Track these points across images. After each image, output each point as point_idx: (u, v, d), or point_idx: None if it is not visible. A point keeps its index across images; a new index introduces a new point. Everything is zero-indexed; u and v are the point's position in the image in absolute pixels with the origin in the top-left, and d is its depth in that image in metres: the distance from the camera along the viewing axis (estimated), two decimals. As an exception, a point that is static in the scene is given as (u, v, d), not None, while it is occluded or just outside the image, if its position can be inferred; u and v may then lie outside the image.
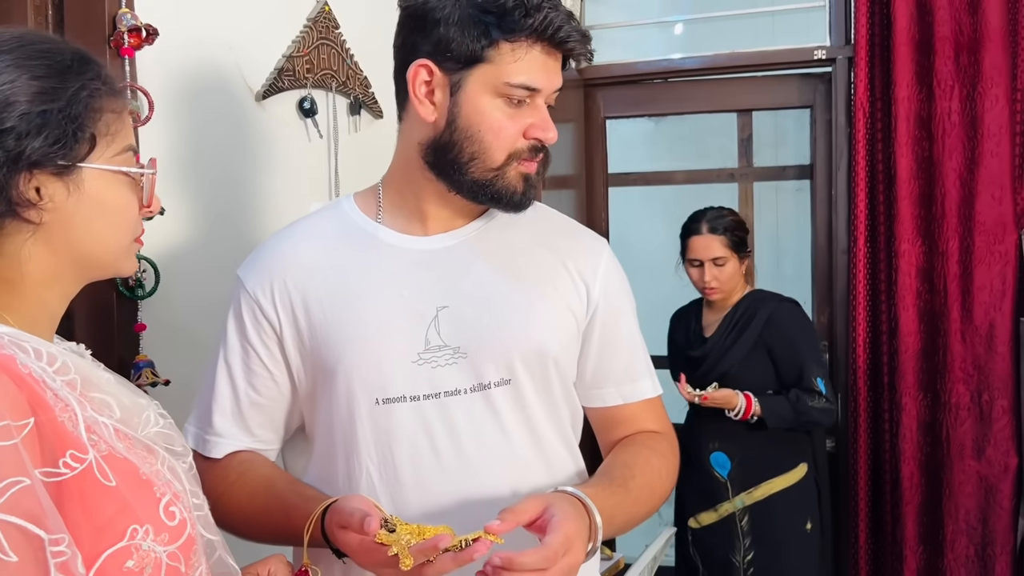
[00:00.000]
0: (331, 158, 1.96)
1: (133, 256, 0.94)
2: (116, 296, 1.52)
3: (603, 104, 3.04)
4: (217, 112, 1.69)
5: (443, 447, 1.18)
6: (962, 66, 2.52)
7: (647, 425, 1.34)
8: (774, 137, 3.29)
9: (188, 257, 1.61)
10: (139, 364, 1.53)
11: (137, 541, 0.80)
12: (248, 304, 1.23)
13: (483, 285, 1.23)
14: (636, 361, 1.34)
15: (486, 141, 1.17)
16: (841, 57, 2.70)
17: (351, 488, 1.20)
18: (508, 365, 1.21)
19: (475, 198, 1.21)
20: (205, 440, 1.25)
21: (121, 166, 0.89)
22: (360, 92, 2.03)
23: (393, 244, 1.24)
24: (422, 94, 1.18)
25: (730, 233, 2.54)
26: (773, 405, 2.44)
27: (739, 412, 2.43)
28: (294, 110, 1.88)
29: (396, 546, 1.00)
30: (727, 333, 2.56)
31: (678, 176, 3.20)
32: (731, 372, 2.50)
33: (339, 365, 1.18)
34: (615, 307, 1.32)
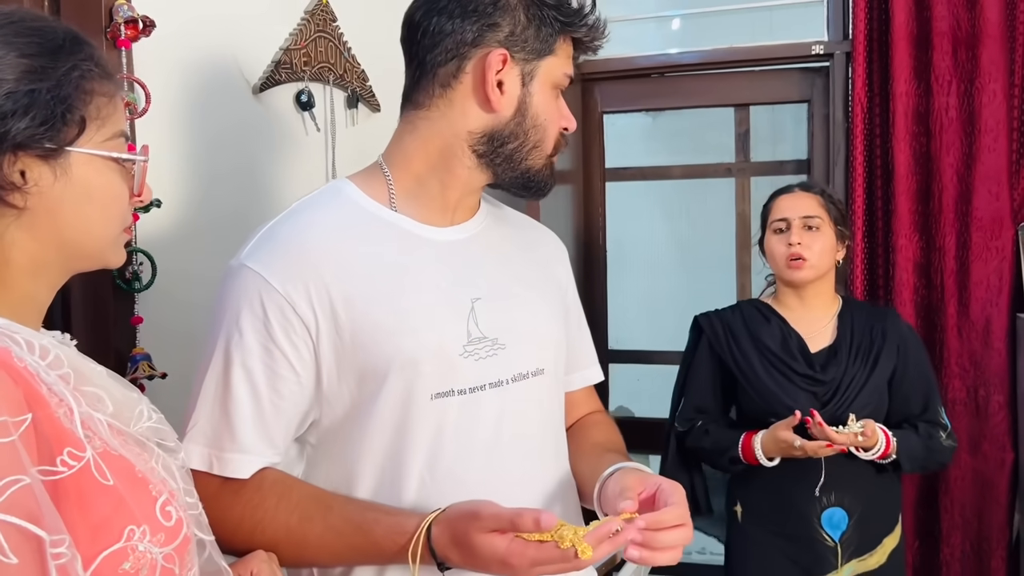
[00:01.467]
0: (328, 151, 1.96)
1: (121, 247, 0.90)
2: (113, 289, 1.51)
3: (600, 99, 3.04)
4: (214, 105, 1.69)
5: (489, 438, 1.19)
6: (960, 61, 2.51)
7: (594, 406, 1.46)
8: (771, 132, 3.29)
9: (185, 250, 1.61)
10: (136, 357, 1.53)
11: (134, 542, 0.78)
12: (275, 301, 1.12)
13: (502, 278, 1.25)
14: (591, 347, 1.47)
15: (548, 130, 1.22)
16: (839, 52, 2.70)
17: (401, 487, 1.15)
18: (541, 355, 1.26)
19: (518, 186, 1.24)
20: (224, 459, 1.13)
21: (111, 152, 0.85)
22: (358, 85, 2.02)
23: (418, 235, 1.21)
24: (492, 82, 1.17)
25: (827, 197, 2.08)
26: (907, 443, 1.93)
27: (877, 451, 1.90)
28: (291, 103, 1.87)
29: (568, 539, 0.99)
30: (857, 352, 2.00)
31: (675, 171, 3.20)
32: (856, 404, 1.95)
33: (392, 363, 1.13)
34: (575, 298, 1.43)
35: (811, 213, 2.04)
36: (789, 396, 1.96)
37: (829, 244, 2.03)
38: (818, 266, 2.02)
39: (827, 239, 2.03)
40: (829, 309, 2.08)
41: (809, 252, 2.01)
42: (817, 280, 2.05)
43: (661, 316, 3.83)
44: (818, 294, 2.07)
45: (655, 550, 1.03)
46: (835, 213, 2.05)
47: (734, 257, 2.94)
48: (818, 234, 2.03)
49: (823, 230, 2.03)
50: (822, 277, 2.05)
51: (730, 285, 2.93)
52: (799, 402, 1.92)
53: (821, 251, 2.02)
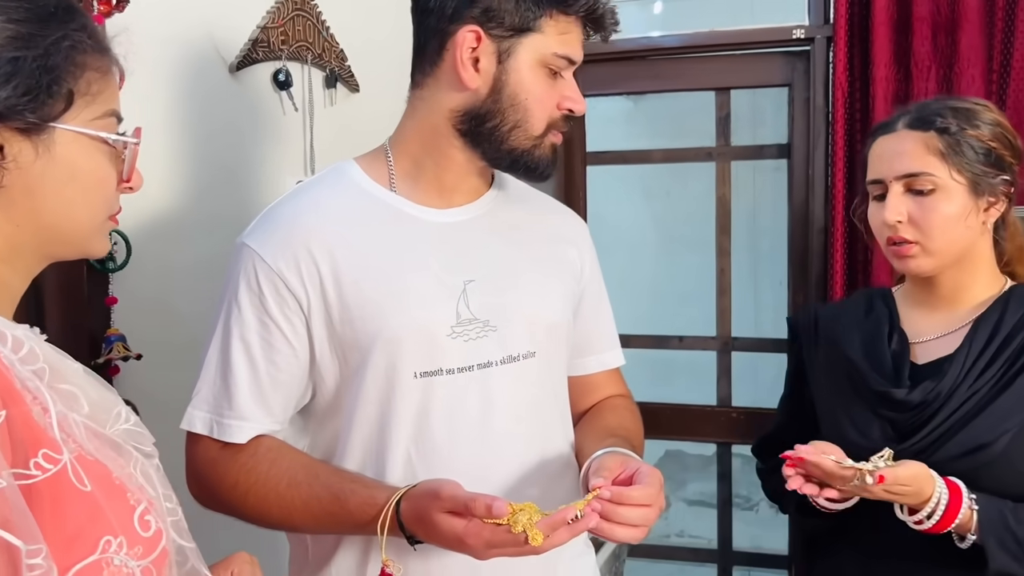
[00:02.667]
0: (306, 132, 1.94)
1: (105, 236, 0.85)
2: (87, 269, 1.50)
3: (581, 82, 3.02)
4: (189, 82, 1.67)
5: (478, 419, 1.20)
6: (939, 47, 2.52)
7: (614, 390, 1.45)
8: (752, 116, 3.30)
9: (160, 229, 1.59)
10: (110, 338, 1.52)
11: (109, 554, 0.72)
12: (268, 276, 1.18)
13: (501, 260, 1.26)
14: (612, 331, 1.45)
15: (531, 110, 1.19)
16: (820, 36, 2.70)
17: (386, 463, 1.19)
18: (533, 337, 1.26)
19: (509, 167, 1.24)
20: (224, 424, 1.20)
21: (100, 132, 0.80)
22: (336, 65, 2.00)
23: (415, 216, 1.23)
24: (467, 60, 1.18)
25: (951, 133, 1.33)
26: (1005, 515, 1.23)
27: (933, 513, 1.22)
28: (268, 82, 1.86)
29: (520, 524, 1.00)
30: (989, 365, 1.32)
31: (656, 155, 3.19)
32: (959, 441, 1.29)
33: (377, 340, 1.17)
34: (597, 281, 1.41)
35: (917, 169, 1.33)
36: (855, 423, 1.36)
37: (957, 210, 1.33)
38: (941, 250, 1.34)
39: (952, 203, 1.33)
40: (976, 300, 1.39)
41: (919, 232, 1.34)
42: (951, 267, 1.38)
43: (641, 300, 3.85)
44: (959, 282, 1.39)
45: (613, 523, 1.04)
46: (970, 154, 1.33)
47: (714, 241, 2.95)
48: (934, 199, 1.33)
49: (943, 191, 1.33)
50: (959, 261, 1.37)
51: (709, 269, 2.94)
52: (867, 433, 1.34)
53: (943, 226, 1.33)
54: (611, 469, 1.12)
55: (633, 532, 1.06)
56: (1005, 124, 1.38)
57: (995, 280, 1.41)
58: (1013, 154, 1.38)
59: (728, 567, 3.00)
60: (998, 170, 1.35)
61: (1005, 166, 1.36)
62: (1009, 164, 1.36)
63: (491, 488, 1.18)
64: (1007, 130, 1.38)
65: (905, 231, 1.35)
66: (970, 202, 1.34)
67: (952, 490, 1.23)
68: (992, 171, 1.35)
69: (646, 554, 3.57)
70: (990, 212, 1.37)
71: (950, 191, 1.33)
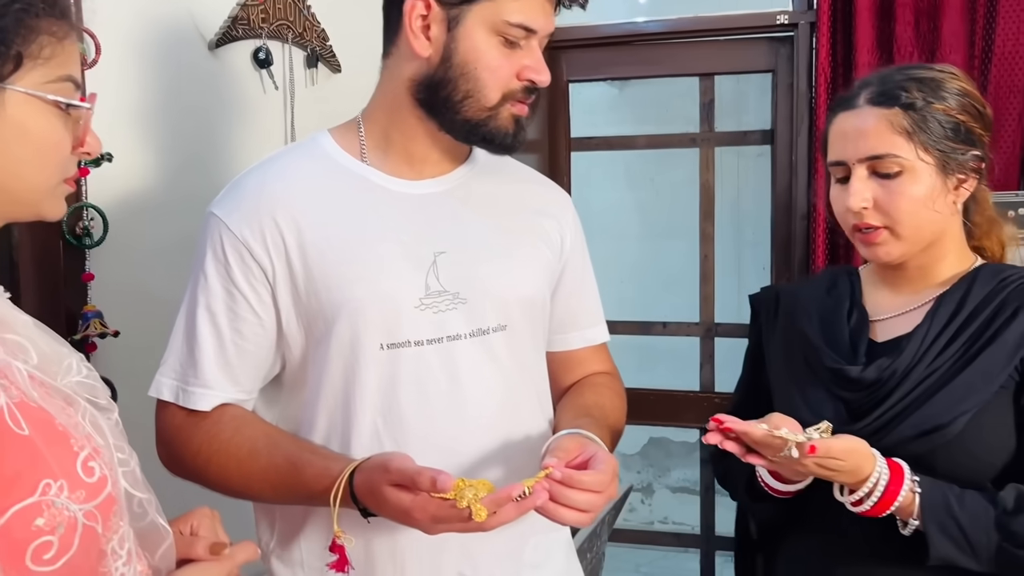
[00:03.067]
0: (287, 111, 1.93)
1: (60, 198, 0.86)
2: (63, 245, 1.49)
3: (566, 67, 3.02)
4: (168, 59, 1.66)
5: (446, 391, 1.19)
6: (922, 32, 2.53)
7: (599, 366, 1.42)
8: (736, 102, 3.30)
9: (137, 206, 1.58)
10: (87, 315, 1.51)
11: (49, 497, 0.73)
12: (234, 245, 1.17)
13: (474, 232, 1.24)
14: (596, 307, 1.42)
15: (482, 79, 1.16)
16: (803, 22, 2.70)
17: (351, 435, 1.18)
18: (505, 311, 1.24)
19: (466, 138, 1.21)
20: (188, 392, 1.19)
21: (53, 95, 0.80)
22: (317, 45, 1.99)
23: (385, 187, 1.22)
24: (418, 27, 1.16)
25: (917, 111, 1.23)
26: (949, 501, 1.14)
27: (870, 493, 1.13)
28: (248, 60, 1.84)
29: (466, 500, 0.99)
30: (950, 342, 1.23)
31: (640, 141, 3.20)
32: (914, 420, 1.20)
33: (342, 310, 1.16)
34: (581, 256, 1.39)
35: (881, 151, 1.23)
36: (808, 402, 1.29)
37: (926, 192, 1.23)
38: (911, 235, 1.25)
39: (920, 185, 1.23)
40: (942, 278, 1.30)
41: (886, 217, 1.24)
42: (920, 252, 1.28)
43: (625, 286, 3.86)
44: (925, 261, 1.30)
45: (560, 505, 1.04)
46: (937, 130, 1.23)
47: (697, 227, 2.95)
48: (900, 182, 1.23)
49: (911, 173, 1.23)
50: (929, 245, 1.28)
51: (693, 255, 2.94)
52: (821, 412, 1.24)
53: (911, 209, 1.23)
54: (567, 451, 1.11)
55: (579, 516, 1.05)
56: (973, 93, 1.27)
57: (963, 258, 1.31)
58: (983, 126, 1.27)
59: (711, 552, 3.01)
60: (968, 145, 1.25)
61: (975, 140, 1.26)
62: (979, 137, 1.26)
63: (463, 462, 1.18)
64: (975, 99, 1.26)
65: (871, 217, 1.24)
66: (939, 182, 1.24)
67: (893, 471, 1.14)
68: (961, 147, 1.24)
69: (630, 540, 3.59)
70: (959, 191, 1.26)
71: (917, 172, 1.23)
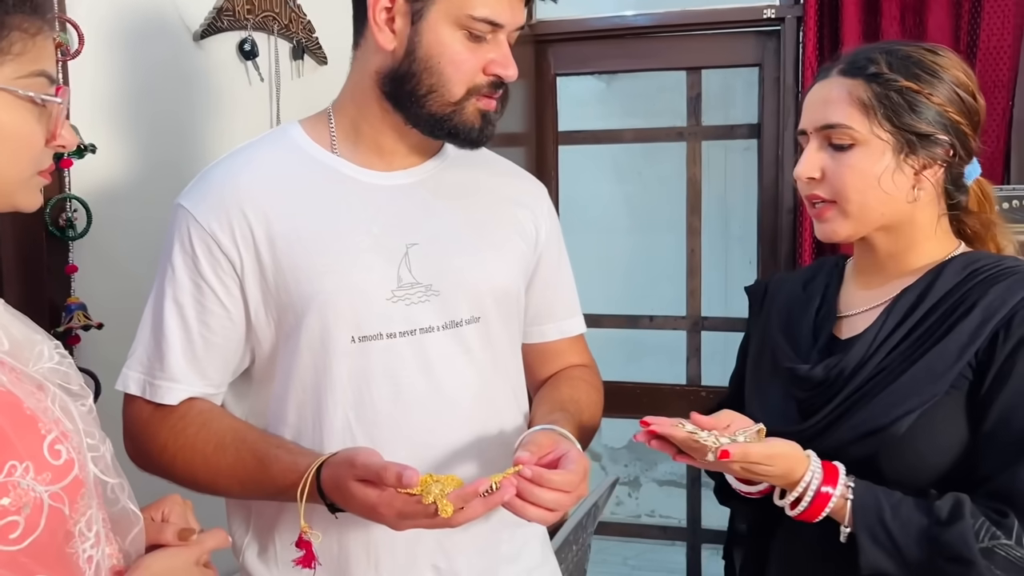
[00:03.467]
0: (272, 103, 1.92)
1: (34, 190, 0.88)
2: (46, 236, 1.48)
3: (554, 60, 3.02)
4: (152, 49, 1.65)
5: (419, 384, 1.18)
6: (907, 27, 2.54)
7: (575, 358, 1.41)
8: (723, 96, 3.31)
9: (121, 197, 1.58)
10: (71, 307, 1.50)
11: (15, 478, 0.75)
12: (201, 238, 1.16)
13: (447, 224, 1.23)
14: (573, 298, 1.42)
15: (445, 74, 1.15)
16: (790, 16, 2.71)
17: (323, 428, 1.17)
18: (478, 303, 1.23)
19: (432, 132, 1.19)
20: (155, 385, 1.18)
21: (23, 89, 0.82)
22: (303, 37, 1.98)
23: (355, 178, 1.21)
24: (382, 20, 1.16)
25: (880, 84, 1.15)
26: (882, 507, 1.06)
27: (802, 497, 1.08)
28: (234, 52, 1.83)
29: (432, 495, 0.98)
30: (905, 337, 1.15)
31: (627, 135, 3.20)
32: (858, 421, 1.13)
33: (312, 303, 1.15)
34: (557, 247, 1.38)
35: (835, 120, 1.16)
36: (766, 400, 1.25)
37: (874, 170, 1.15)
38: (858, 213, 1.17)
39: (869, 161, 1.15)
40: (911, 269, 1.20)
41: (833, 190, 1.17)
42: (880, 234, 1.20)
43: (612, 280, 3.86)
44: (893, 248, 1.21)
45: (527, 502, 1.03)
46: (901, 108, 1.14)
47: (684, 221, 2.96)
48: (850, 154, 1.16)
49: (863, 147, 1.15)
50: (892, 228, 1.19)
51: (680, 249, 2.95)
52: (775, 409, 1.21)
53: (856, 185, 1.16)
54: (540, 446, 1.11)
55: (544, 515, 1.05)
56: (964, 80, 1.17)
57: (941, 248, 1.21)
58: (964, 115, 1.17)
59: (697, 545, 3.03)
60: (938, 131, 1.15)
61: (948, 127, 1.15)
62: (955, 124, 1.16)
63: (437, 456, 1.18)
64: (961, 86, 1.16)
65: (819, 188, 1.18)
66: (893, 163, 1.15)
67: (827, 473, 1.08)
68: (929, 130, 1.15)
69: (617, 533, 3.60)
70: (920, 178, 1.16)
71: (871, 148, 1.15)
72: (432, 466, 1.15)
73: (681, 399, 2.89)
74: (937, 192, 1.20)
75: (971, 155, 1.20)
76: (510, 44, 1.19)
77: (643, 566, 3.92)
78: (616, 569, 3.88)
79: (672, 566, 3.39)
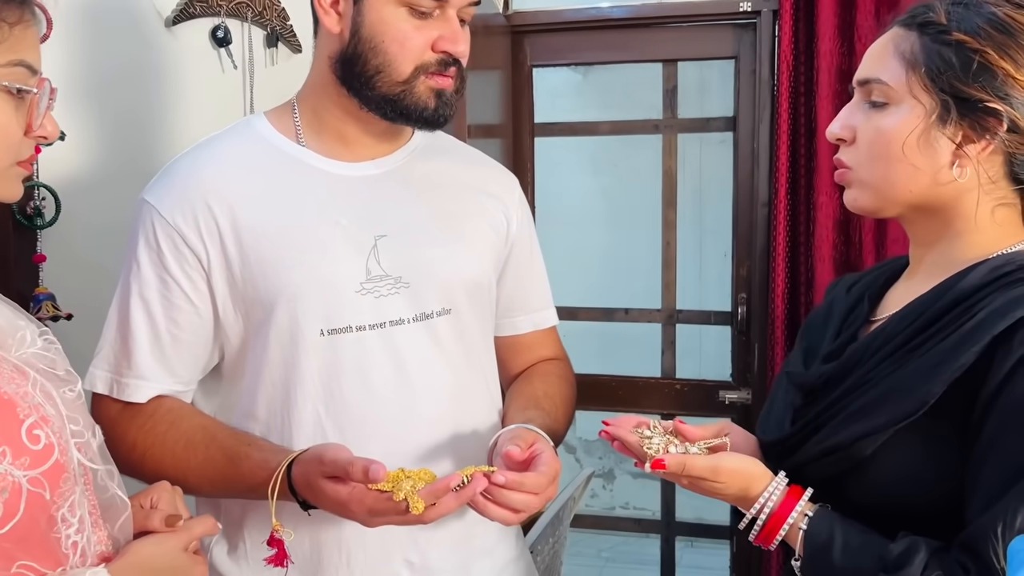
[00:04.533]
0: (246, 91, 1.90)
1: (15, 181, 0.87)
2: (13, 225, 1.45)
3: (530, 52, 3.01)
4: (123, 35, 1.62)
5: (389, 377, 1.17)
6: (882, 21, 2.50)
7: (548, 351, 1.41)
8: (699, 89, 3.31)
9: (91, 186, 1.55)
10: (39, 297, 1.47)
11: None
12: (166, 232, 1.14)
13: (417, 215, 1.22)
14: (545, 290, 1.41)
15: (390, 53, 1.13)
16: (766, 10, 2.72)
17: (292, 424, 1.16)
18: (449, 295, 1.22)
19: (385, 114, 1.17)
20: (122, 383, 1.17)
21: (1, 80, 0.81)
22: (278, 24, 1.96)
23: (321, 169, 1.20)
24: (327, 3, 1.15)
25: (935, 34, 0.97)
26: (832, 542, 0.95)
27: (755, 519, 1.00)
28: (206, 39, 1.81)
29: (403, 492, 0.97)
30: (906, 341, 0.97)
31: (603, 127, 3.20)
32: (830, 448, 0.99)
33: (280, 296, 1.13)
34: (528, 238, 1.37)
35: (869, 74, 1.02)
36: (771, 406, 1.15)
37: (897, 131, 0.98)
38: (875, 183, 1.02)
39: (899, 124, 0.98)
40: (954, 268, 1.00)
41: (856, 158, 1.03)
42: (916, 215, 1.04)
43: (588, 272, 3.87)
44: (933, 238, 1.04)
45: (492, 502, 1.03)
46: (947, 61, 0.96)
47: (660, 213, 2.96)
48: (881, 114, 1.00)
49: (895, 107, 0.99)
50: (931, 211, 1.02)
51: (655, 241, 2.95)
52: (776, 416, 1.12)
53: (873, 146, 1.01)
54: (525, 440, 1.12)
55: (509, 516, 1.05)
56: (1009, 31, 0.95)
57: (993, 243, 1.00)
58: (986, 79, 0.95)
59: (671, 538, 3.04)
60: (991, 99, 0.95)
61: (1012, 100, 0.94)
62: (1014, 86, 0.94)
63: (410, 449, 1.17)
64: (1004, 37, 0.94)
65: (844, 153, 1.04)
66: (927, 132, 0.97)
67: (789, 496, 0.98)
68: (979, 97, 0.95)
69: (592, 525, 3.61)
70: (961, 154, 0.97)
71: (903, 108, 0.98)
72: (404, 459, 1.14)
73: (656, 391, 2.90)
74: (991, 175, 0.98)
75: None
76: (465, 20, 1.18)
77: (617, 558, 3.93)
78: (591, 561, 3.90)
79: (646, 558, 3.40)
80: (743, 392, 2.80)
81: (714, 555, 3.27)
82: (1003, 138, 0.96)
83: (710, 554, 3.39)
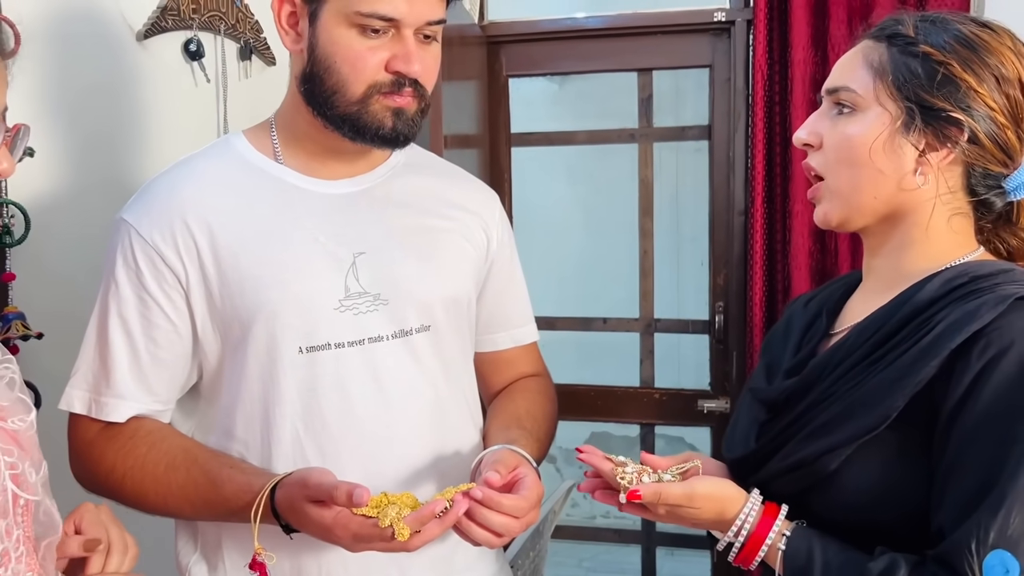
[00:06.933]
0: (219, 105, 1.88)
1: None
2: (-19, 244, 1.42)
3: (506, 62, 3.01)
4: (93, 49, 1.60)
5: (369, 394, 1.16)
6: (854, 31, 2.54)
7: (528, 367, 1.41)
8: (674, 98, 3.33)
9: (61, 203, 1.52)
10: (8, 316, 1.44)
11: None
12: (145, 251, 1.14)
13: (396, 232, 1.21)
14: (526, 306, 1.41)
15: (343, 72, 1.13)
16: (740, 19, 2.73)
17: (272, 442, 1.15)
18: (428, 311, 1.21)
19: (344, 133, 1.17)
20: (101, 403, 1.16)
21: None
22: (251, 37, 1.94)
23: (300, 187, 1.19)
24: (286, 23, 1.16)
25: (900, 47, 1.00)
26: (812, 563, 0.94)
27: (732, 541, 0.99)
28: (179, 52, 1.79)
29: (388, 518, 0.97)
30: (870, 353, 0.98)
31: (580, 136, 3.21)
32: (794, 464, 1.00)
33: (258, 314, 1.13)
34: (508, 255, 1.37)
35: (839, 83, 1.04)
36: (736, 422, 1.15)
37: (866, 138, 1.00)
38: (844, 193, 1.03)
39: (865, 130, 1.01)
40: (909, 280, 1.02)
41: (824, 161, 1.05)
42: (881, 226, 1.05)
43: (566, 281, 3.87)
44: (890, 246, 1.06)
45: (473, 523, 1.03)
46: (915, 76, 0.99)
47: (636, 222, 2.96)
48: (848, 120, 1.03)
49: (863, 115, 1.02)
50: (892, 218, 1.04)
51: (632, 250, 2.96)
52: (741, 432, 1.12)
53: (848, 156, 1.02)
54: (507, 465, 1.11)
55: (490, 539, 1.04)
56: (1013, 65, 0.99)
57: (946, 253, 1.03)
58: (1004, 106, 0.99)
59: (652, 548, 3.04)
60: (955, 110, 0.98)
61: (974, 112, 0.98)
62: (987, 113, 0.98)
63: (391, 468, 1.16)
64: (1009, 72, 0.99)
65: (814, 159, 1.05)
66: (892, 139, 1.00)
67: (765, 515, 0.98)
68: (943, 107, 0.98)
69: (572, 536, 3.61)
70: (924, 162, 1.00)
71: (870, 115, 1.01)
72: (384, 477, 1.14)
73: (635, 401, 2.90)
74: (950, 186, 1.01)
75: (1010, 155, 1.01)
76: (432, 36, 1.16)
77: (598, 568, 3.92)
78: (572, 571, 3.89)
79: (627, 568, 3.40)
80: (721, 401, 2.80)
81: (694, 564, 3.27)
82: (963, 147, 1.00)
83: (691, 563, 3.39)
